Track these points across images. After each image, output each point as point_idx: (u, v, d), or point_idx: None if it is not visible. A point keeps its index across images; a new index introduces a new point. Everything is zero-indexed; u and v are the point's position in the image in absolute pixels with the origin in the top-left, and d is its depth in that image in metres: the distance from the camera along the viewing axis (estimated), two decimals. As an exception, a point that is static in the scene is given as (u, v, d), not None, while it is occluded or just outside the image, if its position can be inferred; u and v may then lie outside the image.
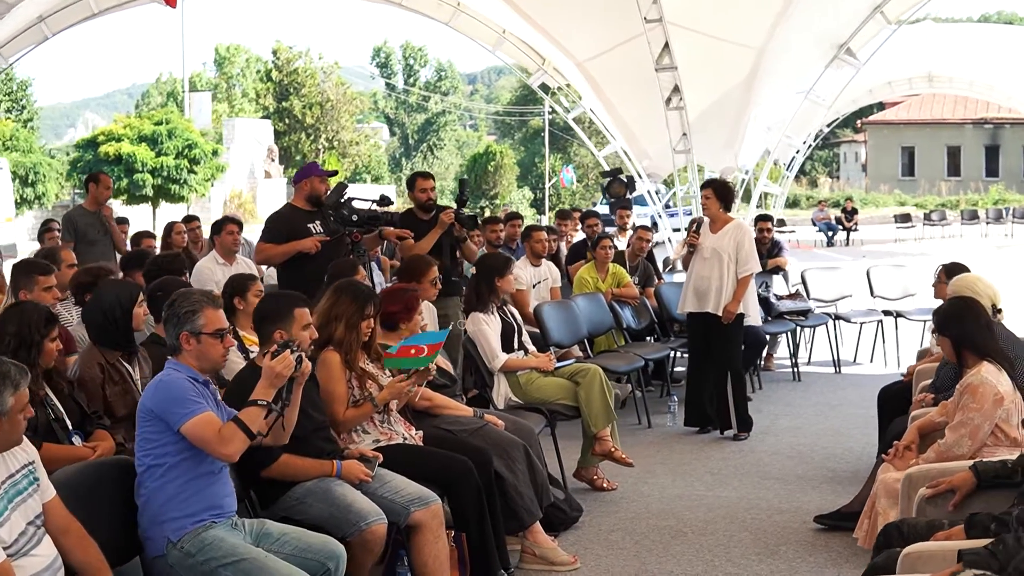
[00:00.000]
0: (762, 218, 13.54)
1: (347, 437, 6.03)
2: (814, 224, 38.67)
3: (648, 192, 17.47)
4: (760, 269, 10.01)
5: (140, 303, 6.08)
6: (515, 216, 13.58)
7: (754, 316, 9.83)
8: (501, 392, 7.96)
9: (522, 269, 10.76)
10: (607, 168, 17.62)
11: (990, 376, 5.57)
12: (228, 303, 6.86)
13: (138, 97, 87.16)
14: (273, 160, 54.60)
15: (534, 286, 10.81)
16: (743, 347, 11.09)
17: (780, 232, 36.32)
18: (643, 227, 12.42)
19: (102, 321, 5.94)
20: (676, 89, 14.53)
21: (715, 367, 9.57)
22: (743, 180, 23.18)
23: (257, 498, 5.42)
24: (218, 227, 10.60)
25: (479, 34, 18.36)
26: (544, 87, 19.90)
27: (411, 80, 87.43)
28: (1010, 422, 5.60)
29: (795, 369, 12.40)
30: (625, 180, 16.17)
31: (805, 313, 12.41)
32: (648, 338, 11.63)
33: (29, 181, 36.89)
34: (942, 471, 5.20)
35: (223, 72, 73.02)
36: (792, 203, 56.50)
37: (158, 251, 11.57)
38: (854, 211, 38.64)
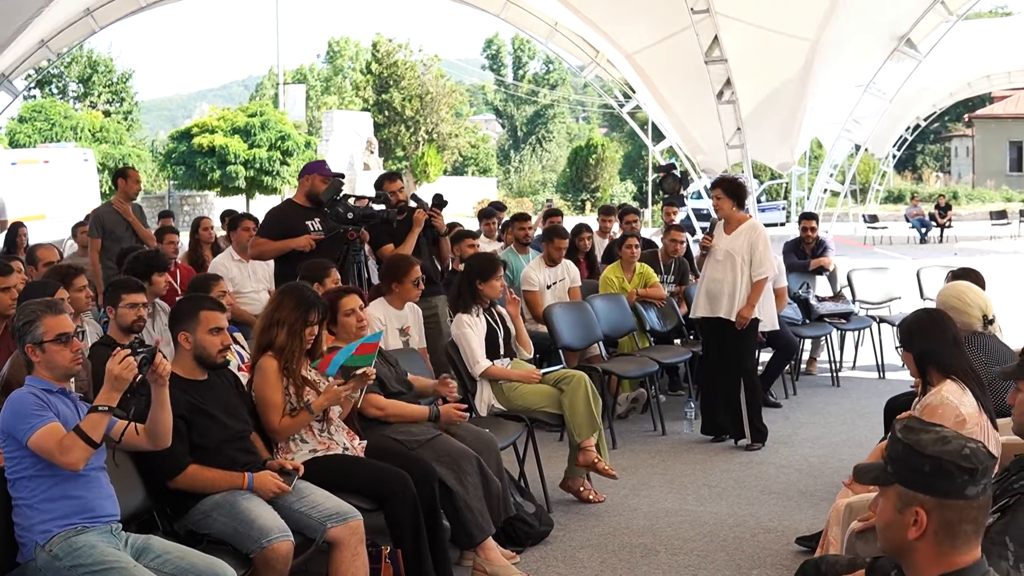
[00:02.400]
0: (806, 216, 13.03)
1: (284, 446, 5.81)
2: (907, 220, 37.67)
3: (705, 188, 16.98)
4: (776, 272, 9.56)
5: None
6: (554, 213, 13.23)
7: (770, 320, 9.40)
8: (484, 398, 7.67)
9: (536, 270, 10.46)
10: (663, 163, 17.21)
11: (952, 396, 5.13)
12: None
13: (253, 89, 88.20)
14: (372, 152, 54.77)
15: (549, 287, 10.47)
16: (774, 351, 10.73)
17: (872, 228, 35.93)
18: (676, 226, 11.96)
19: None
20: (728, 82, 14.05)
21: (728, 374, 9.15)
22: (828, 176, 22.60)
23: (169, 509, 5.23)
24: (235, 224, 10.50)
25: (530, 26, 18.05)
26: (598, 80, 19.55)
27: (520, 73, 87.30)
28: (973, 446, 5.14)
29: (834, 374, 11.89)
30: (679, 176, 15.74)
31: (847, 316, 11.89)
32: (677, 340, 11.22)
33: (119, 172, 37.39)
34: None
35: (335, 65, 73.60)
36: (896, 198, 55.33)
37: (184, 247, 11.53)
38: (948, 207, 37.60)
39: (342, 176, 9.30)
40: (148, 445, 4.83)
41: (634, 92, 17.92)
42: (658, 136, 18.42)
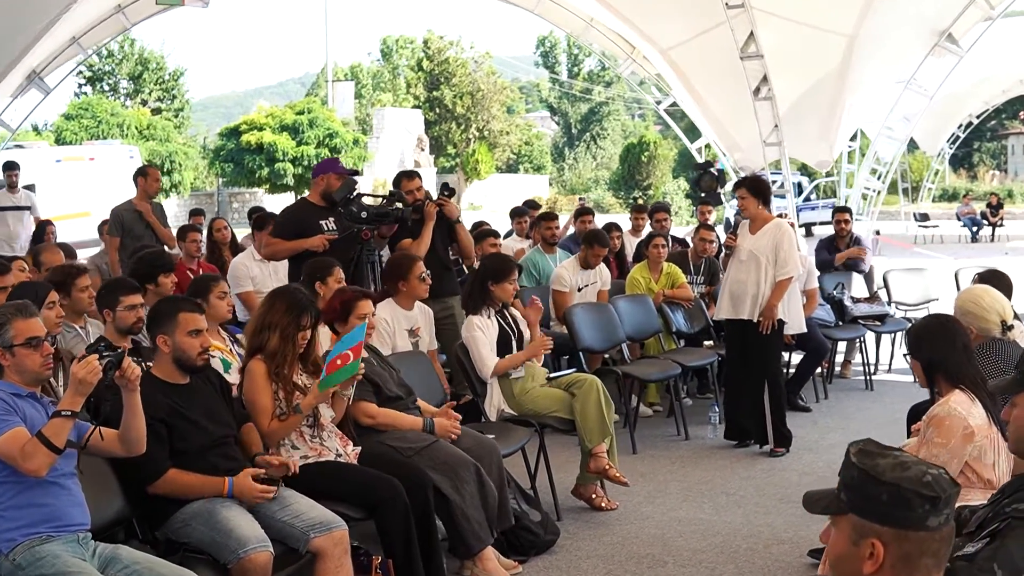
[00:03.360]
0: (840, 210, 12.70)
1: (275, 452, 5.66)
2: (959, 219, 37.08)
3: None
4: (800, 272, 9.31)
5: (50, 305, 5.85)
6: (586, 212, 13.02)
7: (797, 322, 9.14)
8: (494, 403, 7.49)
9: (569, 270, 10.28)
10: (701, 161, 16.92)
11: (960, 407, 4.88)
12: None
13: (308, 86, 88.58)
14: (423, 150, 54.79)
15: (580, 289, 10.27)
16: (804, 354, 10.48)
17: (923, 227, 35.39)
18: (706, 225, 11.71)
19: None
20: (764, 79, 13.77)
21: (752, 377, 8.91)
22: (882, 174, 22.21)
23: (149, 517, 5.10)
24: (260, 223, 10.38)
25: (565, 21, 17.83)
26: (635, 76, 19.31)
27: (575, 70, 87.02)
28: (983, 460, 4.88)
29: (868, 378, 11.59)
30: (716, 174, 15.48)
31: (882, 318, 11.59)
32: (708, 342, 10.97)
33: (165, 170, 37.61)
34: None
35: (389, 62, 73.75)
36: (951, 196, 54.54)
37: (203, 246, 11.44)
38: (999, 205, 36.96)
39: (356, 174, 9.15)
40: (122, 451, 4.71)
41: (670, 88, 17.65)
42: (698, 134, 18.11)
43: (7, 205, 14.48)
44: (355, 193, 8.59)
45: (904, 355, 10.72)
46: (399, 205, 8.75)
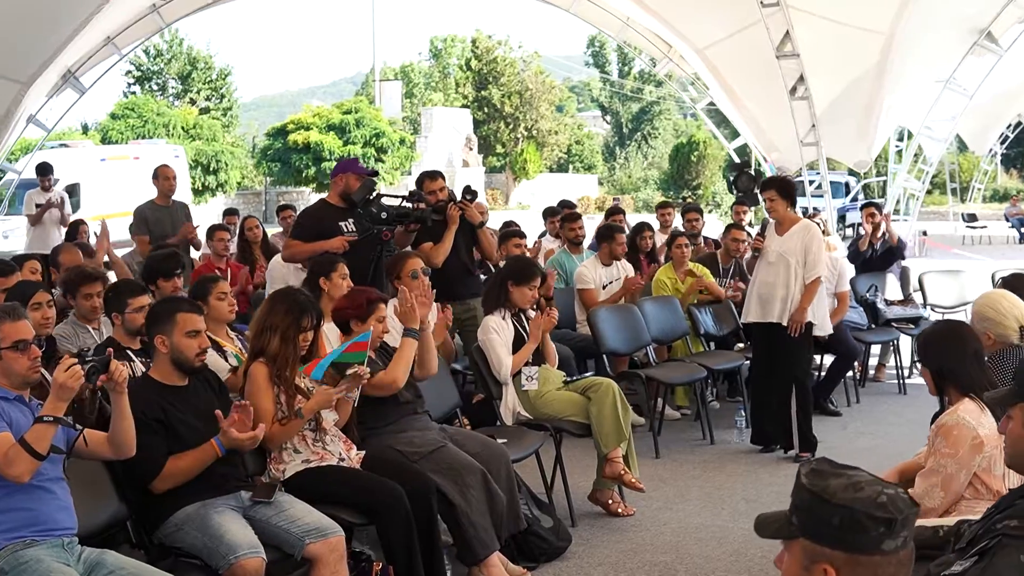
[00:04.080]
0: (868, 205, 12.48)
1: (277, 456, 5.61)
2: (1007, 220, 36.52)
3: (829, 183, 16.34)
4: (828, 273, 9.16)
5: (36, 305, 5.88)
6: (616, 211, 12.91)
7: (823, 324, 8.99)
8: (509, 405, 7.40)
9: (590, 268, 10.17)
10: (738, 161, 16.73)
11: (969, 416, 4.72)
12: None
13: (360, 85, 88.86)
14: (471, 149, 54.74)
15: (604, 287, 10.16)
16: (834, 357, 10.33)
17: (971, 228, 34.89)
18: (737, 226, 11.51)
19: None
20: (801, 78, 13.59)
21: (779, 381, 8.76)
22: (924, 174, 21.94)
23: (143, 521, 5.06)
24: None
25: (602, 21, 17.70)
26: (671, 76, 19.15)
27: (626, 69, 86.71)
28: (993, 471, 4.71)
29: (901, 381, 11.39)
30: (753, 174, 15.28)
31: (916, 321, 11.38)
32: (739, 345, 10.81)
33: (211, 169, 37.78)
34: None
35: (439, 62, 73.83)
36: (1002, 196, 53.79)
37: (233, 246, 11.43)
38: (1049, 205, 36.40)
39: (375, 175, 9.08)
40: (111, 455, 4.68)
41: (707, 88, 17.48)
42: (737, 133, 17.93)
43: (40, 203, 14.60)
44: (374, 194, 8.53)
45: (913, 361, 10.56)
46: (421, 206, 8.66)
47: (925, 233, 24.55)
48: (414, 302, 6.33)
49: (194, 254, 11.69)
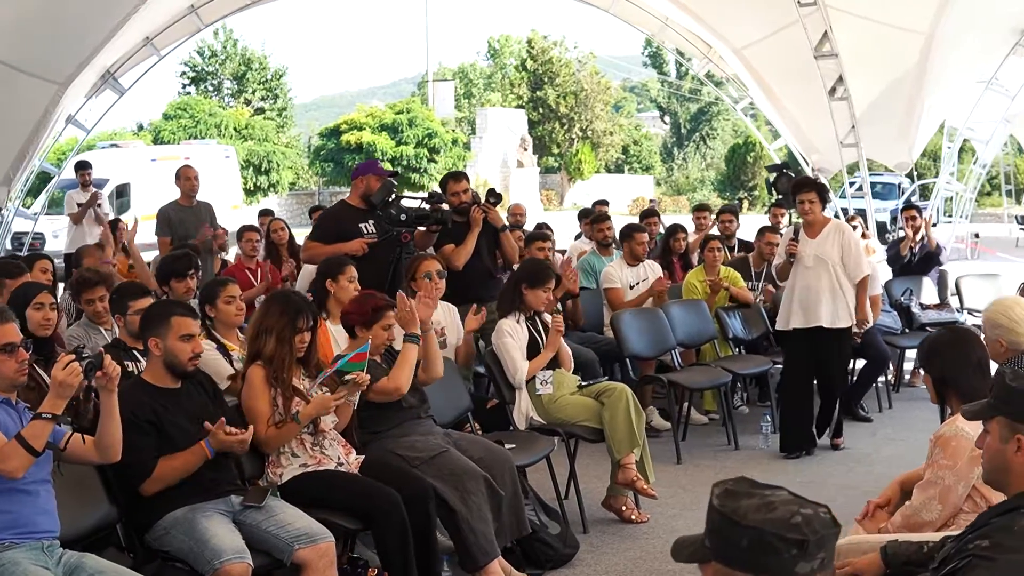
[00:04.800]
0: (908, 207, 12.26)
1: (275, 460, 5.58)
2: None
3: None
4: (870, 271, 9.07)
5: (38, 306, 5.87)
6: (651, 214, 12.78)
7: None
8: (522, 410, 7.32)
9: (617, 268, 10.08)
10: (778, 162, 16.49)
11: (968, 427, 4.57)
12: (201, 311, 6.58)
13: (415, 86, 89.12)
14: (526, 149, 54.68)
15: (632, 287, 10.05)
16: (865, 362, 10.18)
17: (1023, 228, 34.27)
18: (770, 228, 11.32)
19: None
20: (840, 79, 13.39)
21: (824, 387, 8.81)
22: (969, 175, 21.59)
23: (133, 525, 5.05)
24: None
25: (641, 21, 17.57)
26: (710, 76, 18.98)
27: (683, 70, 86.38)
28: (992, 484, 4.60)
29: (934, 387, 11.16)
30: (793, 175, 15.05)
31: (951, 325, 11.13)
32: (779, 347, 10.60)
33: (263, 169, 38.00)
34: (874, 545, 4.29)
35: (497, 62, 73.93)
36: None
37: (262, 247, 11.41)
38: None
39: (396, 176, 9.04)
40: (97, 458, 4.66)
41: (746, 88, 17.29)
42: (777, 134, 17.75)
43: (81, 202, 14.71)
44: (394, 195, 8.49)
45: (915, 368, 10.40)
46: (443, 207, 8.62)
47: (977, 235, 24.13)
48: (413, 306, 6.29)
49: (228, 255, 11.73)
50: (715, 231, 12.24)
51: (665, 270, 10.59)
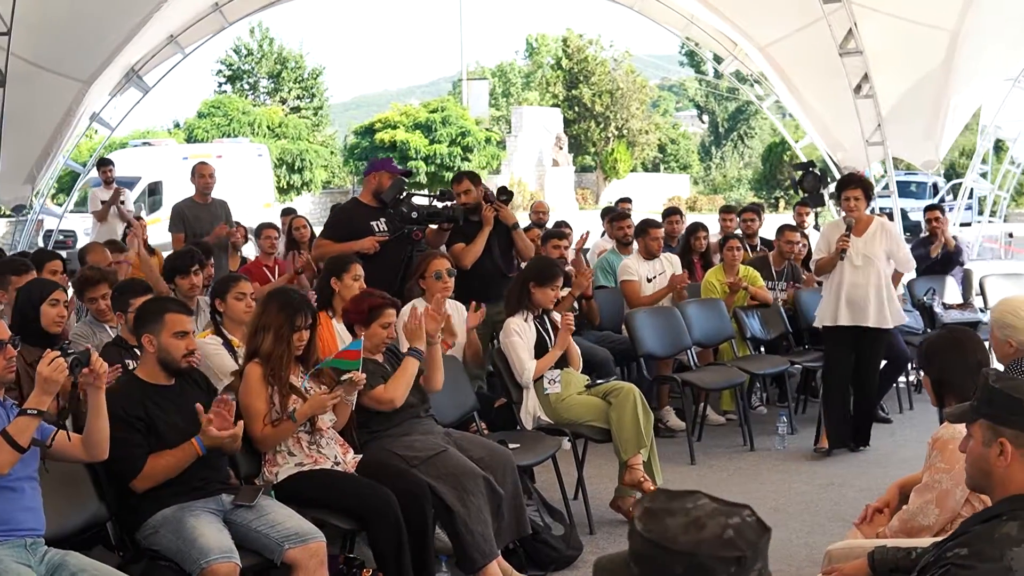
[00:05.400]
0: (931, 208, 12.09)
1: (271, 458, 5.54)
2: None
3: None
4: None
5: (53, 302, 5.88)
6: (673, 212, 12.68)
7: (897, 316, 8.85)
8: (529, 410, 7.27)
9: (634, 262, 10.01)
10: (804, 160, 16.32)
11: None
12: (211, 306, 6.59)
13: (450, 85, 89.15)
14: (561, 148, 54.60)
15: (649, 280, 9.97)
16: (885, 363, 10.03)
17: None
18: (790, 227, 11.17)
19: (19, 318, 5.97)
20: (866, 76, 13.23)
21: (861, 385, 8.76)
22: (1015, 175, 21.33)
23: (122, 523, 5.02)
24: None
25: (666, 19, 17.44)
26: (738, 74, 18.82)
27: (721, 68, 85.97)
28: (991, 489, 4.49)
29: (959, 389, 11.01)
30: (819, 174, 14.91)
31: (974, 325, 10.96)
32: (799, 348, 10.47)
33: (296, 168, 38.10)
34: (866, 550, 4.20)
35: (534, 61, 73.86)
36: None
37: (282, 245, 11.41)
38: None
39: (408, 175, 8.99)
40: (84, 456, 4.64)
41: (772, 86, 17.12)
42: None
43: (104, 199, 14.76)
44: (405, 193, 8.44)
45: (913, 368, 10.27)
46: (451, 204, 8.57)
47: (1011, 235, 23.81)
48: (421, 319, 6.24)
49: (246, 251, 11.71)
50: (738, 231, 12.12)
51: (685, 269, 10.48)
